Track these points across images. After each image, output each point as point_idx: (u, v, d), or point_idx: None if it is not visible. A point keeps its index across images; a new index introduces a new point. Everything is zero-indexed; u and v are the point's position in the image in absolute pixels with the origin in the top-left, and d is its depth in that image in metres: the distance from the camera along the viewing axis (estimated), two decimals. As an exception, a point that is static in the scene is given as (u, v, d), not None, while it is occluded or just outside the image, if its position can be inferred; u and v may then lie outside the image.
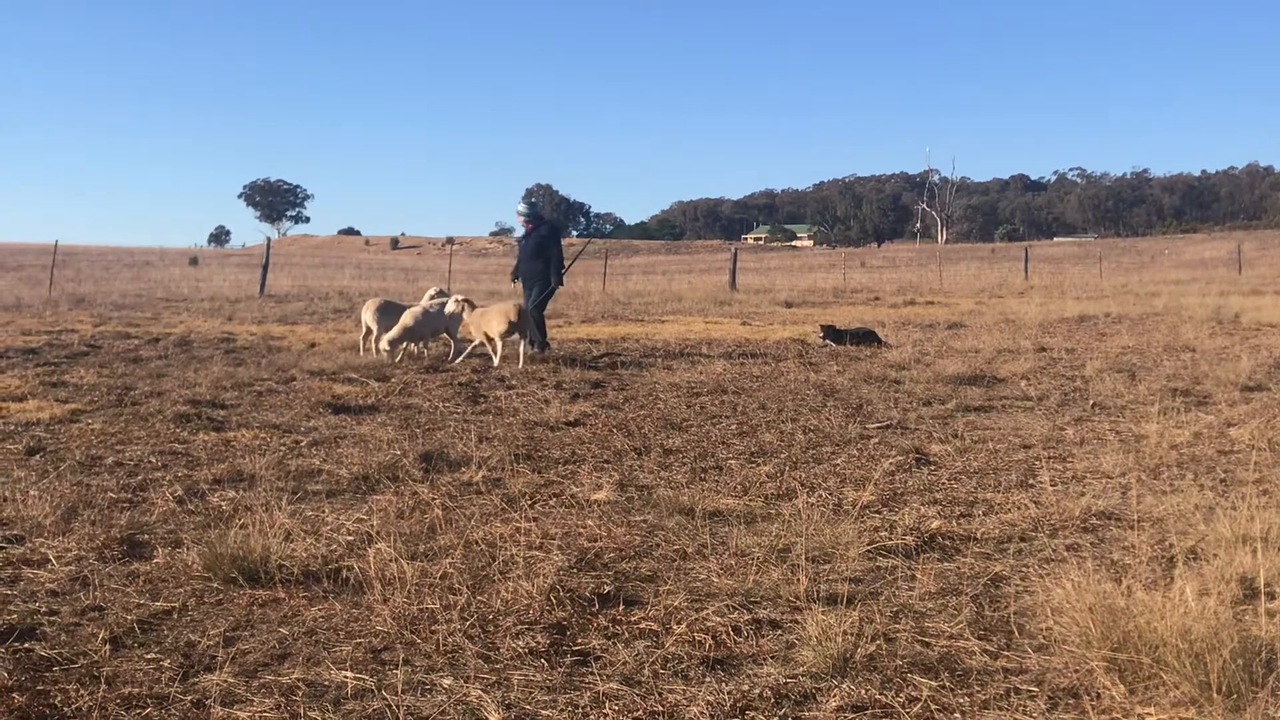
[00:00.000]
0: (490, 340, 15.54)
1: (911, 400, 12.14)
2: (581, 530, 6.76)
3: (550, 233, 17.24)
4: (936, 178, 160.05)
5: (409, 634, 5.03)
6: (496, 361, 15.31)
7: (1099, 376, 13.71)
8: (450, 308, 16.00)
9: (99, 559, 6.16)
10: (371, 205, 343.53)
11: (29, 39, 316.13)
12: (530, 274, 17.30)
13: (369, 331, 16.28)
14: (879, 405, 11.82)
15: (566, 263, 17.63)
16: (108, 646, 4.90)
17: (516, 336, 15.54)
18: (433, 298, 17.23)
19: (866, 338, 19.16)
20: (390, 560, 5.74)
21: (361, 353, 16.15)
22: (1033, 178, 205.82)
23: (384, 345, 15.49)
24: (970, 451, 9.35)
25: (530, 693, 4.44)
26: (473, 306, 16.05)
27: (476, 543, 6.39)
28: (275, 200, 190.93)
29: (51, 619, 5.27)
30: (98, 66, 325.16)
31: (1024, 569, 6.04)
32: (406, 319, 15.58)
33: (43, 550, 6.26)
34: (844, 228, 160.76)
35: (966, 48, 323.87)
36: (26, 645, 4.89)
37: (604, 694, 4.42)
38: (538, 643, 4.91)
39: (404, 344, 15.70)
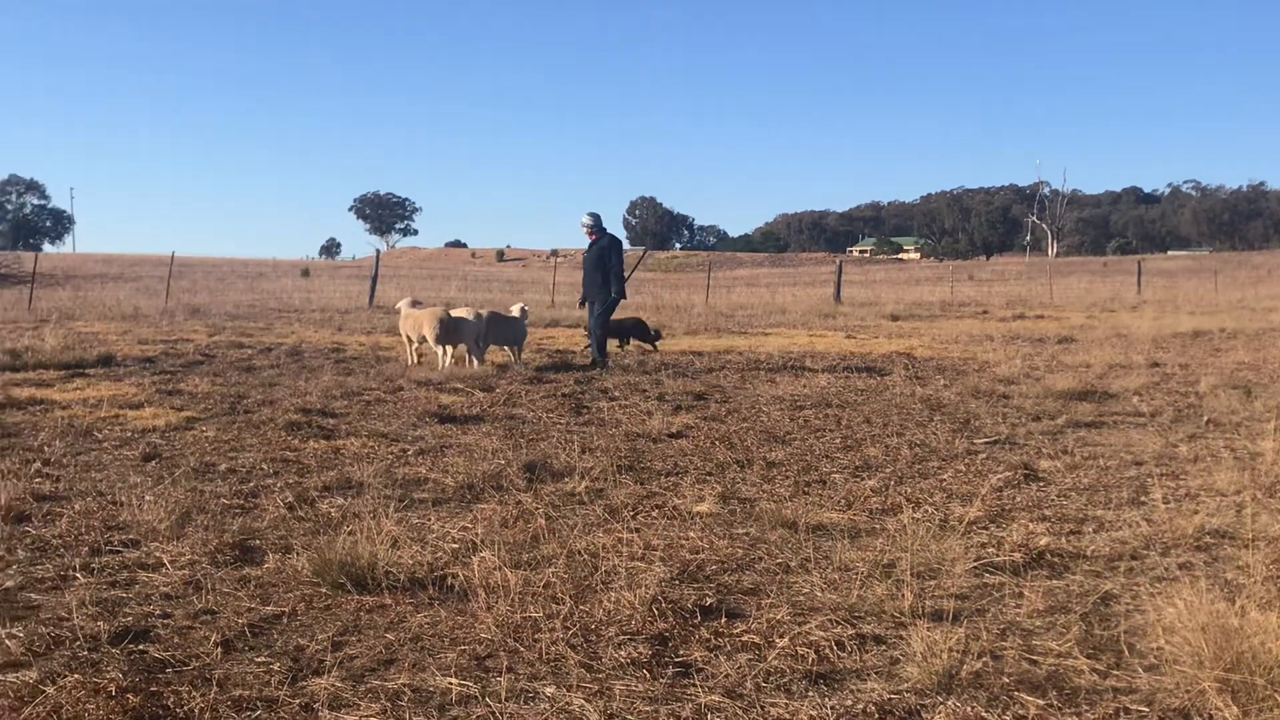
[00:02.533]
0: (411, 343, 16.73)
1: (1020, 415, 11.97)
2: (684, 542, 6.76)
3: (610, 244, 17.14)
4: (1047, 190, 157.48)
5: (512, 642, 5.07)
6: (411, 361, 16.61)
7: (1213, 393, 13.40)
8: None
9: (212, 563, 6.29)
10: (478, 218, 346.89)
11: (148, 55, 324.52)
12: (592, 286, 17.31)
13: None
14: (987, 420, 11.67)
15: (626, 273, 17.58)
16: (219, 649, 5.01)
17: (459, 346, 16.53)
18: (524, 310, 17.56)
19: (634, 331, 19.72)
20: (494, 568, 5.78)
21: (470, 364, 16.30)
22: (1146, 190, 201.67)
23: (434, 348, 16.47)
24: (1080, 468, 9.19)
25: (632, 703, 4.44)
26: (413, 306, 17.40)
27: (579, 552, 6.42)
28: (384, 213, 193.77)
29: (165, 622, 5.39)
30: (215, 82, 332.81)
31: (1135, 587, 5.92)
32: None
33: (158, 554, 6.42)
34: (952, 240, 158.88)
35: (1079, 58, 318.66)
36: (141, 647, 5.01)
37: (706, 706, 4.41)
38: (640, 653, 4.92)
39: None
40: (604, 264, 16.98)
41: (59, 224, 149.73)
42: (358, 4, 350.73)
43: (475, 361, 16.15)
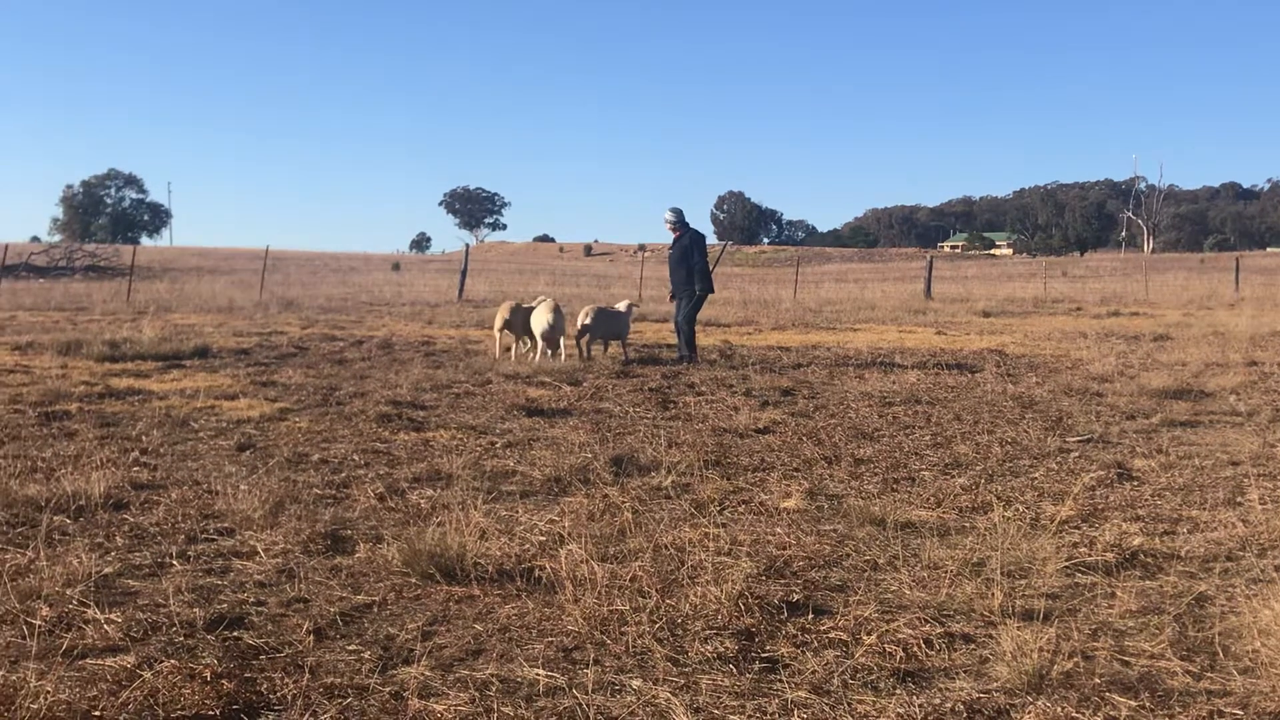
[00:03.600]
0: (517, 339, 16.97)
1: (1114, 414, 11.79)
2: (770, 538, 6.74)
3: (692, 240, 17.11)
4: (1143, 185, 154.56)
5: (599, 634, 5.09)
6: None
7: (1315, 392, 13.09)
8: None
9: (304, 552, 6.39)
10: (566, 213, 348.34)
11: (243, 53, 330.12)
12: (676, 283, 17.37)
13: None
14: (1080, 418, 11.50)
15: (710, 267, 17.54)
16: (311, 637, 5.08)
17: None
18: (631, 306, 17.53)
19: None
20: (581, 561, 5.80)
21: (554, 357, 16.38)
22: (1245, 185, 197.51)
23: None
24: (1175, 467, 9.03)
25: (719, 697, 4.44)
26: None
27: (666, 547, 6.42)
28: (474, 208, 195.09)
29: (259, 609, 5.48)
30: (308, 79, 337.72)
31: (1230, 589, 5.80)
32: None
33: (251, 543, 6.53)
34: (1045, 236, 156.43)
35: (1176, 50, 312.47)
36: (235, 634, 5.10)
37: (792, 702, 4.40)
38: (726, 648, 4.92)
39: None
40: (688, 260, 16.98)
41: (156, 218, 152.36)
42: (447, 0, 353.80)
43: (553, 355, 16.28)
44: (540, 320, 16.24)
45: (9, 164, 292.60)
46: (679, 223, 17.17)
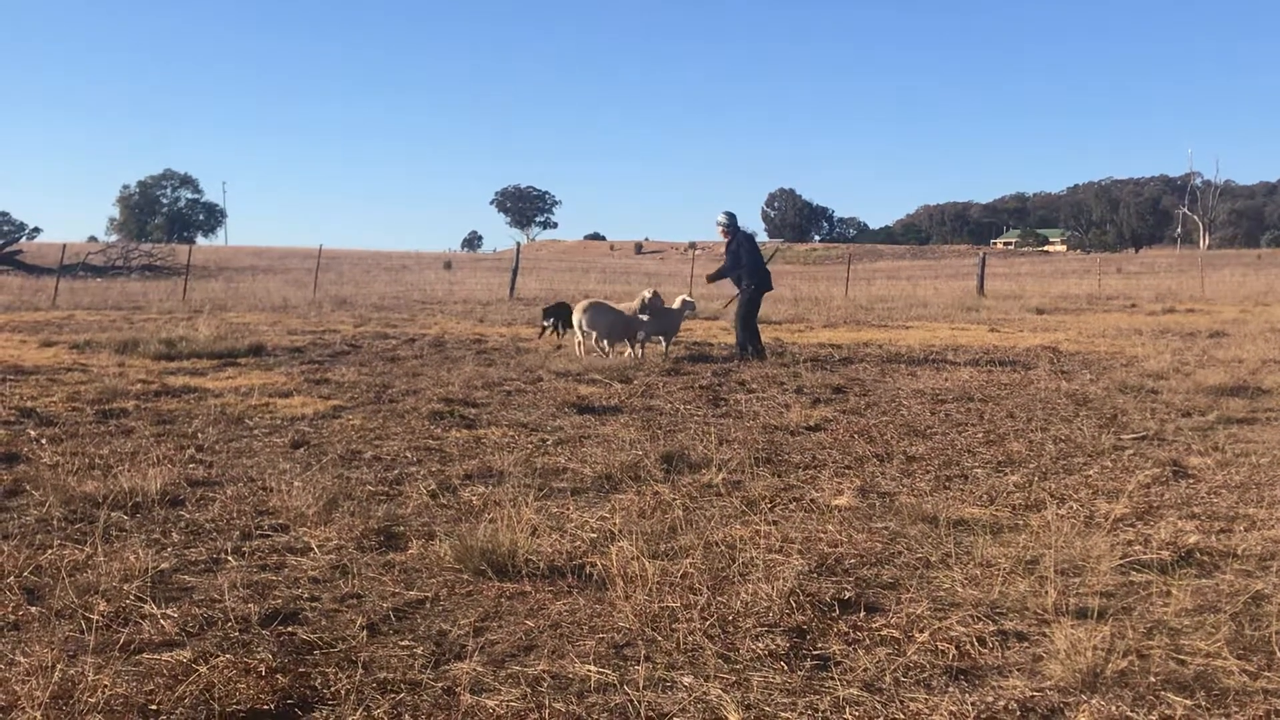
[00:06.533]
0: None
1: (1169, 411, 11.65)
2: (822, 535, 6.73)
3: (738, 245, 17.47)
4: (1199, 181, 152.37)
5: (650, 631, 5.10)
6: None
7: (1376, 389, 12.89)
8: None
9: (357, 548, 6.44)
10: (616, 211, 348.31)
11: (295, 54, 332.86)
12: (735, 284, 17.77)
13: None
14: (1134, 415, 11.38)
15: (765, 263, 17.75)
16: (365, 633, 5.12)
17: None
18: (686, 302, 17.51)
19: (561, 314, 19.94)
20: (632, 558, 5.81)
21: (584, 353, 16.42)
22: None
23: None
24: (1232, 465, 8.92)
25: (770, 694, 4.44)
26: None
27: (716, 544, 6.43)
28: (525, 206, 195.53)
29: (313, 605, 5.53)
30: (361, 79, 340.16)
31: (1289, 588, 5.73)
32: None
33: (305, 539, 6.58)
34: (1099, 232, 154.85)
35: (1231, 44, 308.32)
36: (290, 629, 5.15)
37: (844, 699, 4.39)
38: (777, 645, 4.91)
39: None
40: (737, 263, 17.26)
41: (212, 217, 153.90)
42: (499, 1, 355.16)
43: (601, 352, 16.38)
44: (578, 318, 16.35)
45: (67, 165, 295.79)
46: (731, 226, 17.46)
